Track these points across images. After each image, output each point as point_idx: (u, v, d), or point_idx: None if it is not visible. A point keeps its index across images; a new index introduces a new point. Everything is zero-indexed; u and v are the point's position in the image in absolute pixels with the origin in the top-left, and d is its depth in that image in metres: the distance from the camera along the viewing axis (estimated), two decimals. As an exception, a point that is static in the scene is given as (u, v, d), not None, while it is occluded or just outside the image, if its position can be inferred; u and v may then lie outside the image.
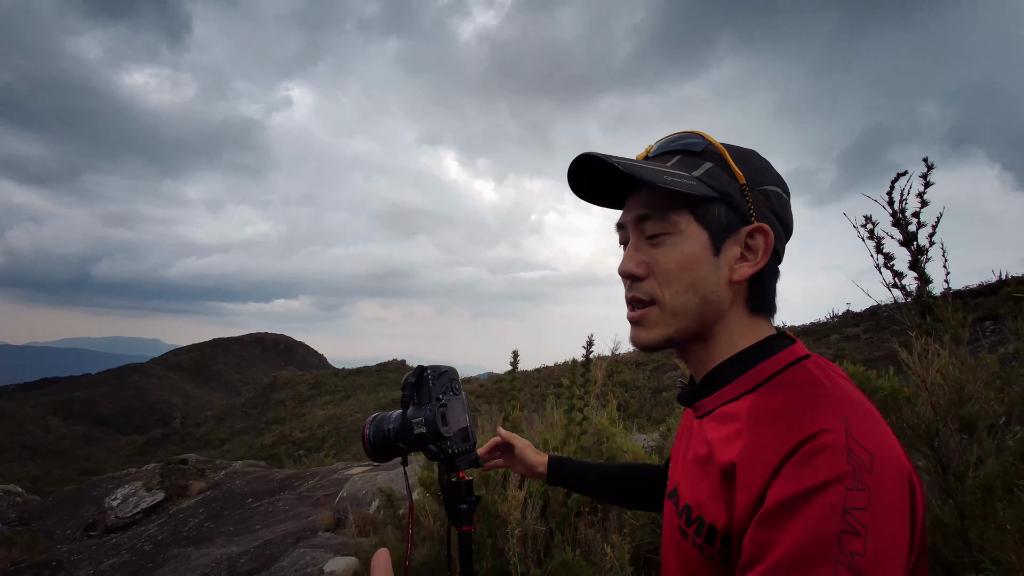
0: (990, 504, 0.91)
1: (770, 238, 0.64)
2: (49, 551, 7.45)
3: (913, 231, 1.65)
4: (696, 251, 0.64)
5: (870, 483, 0.47)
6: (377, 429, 0.87)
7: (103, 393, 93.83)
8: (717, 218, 0.64)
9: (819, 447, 0.49)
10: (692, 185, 0.62)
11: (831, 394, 0.55)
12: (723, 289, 0.64)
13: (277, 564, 4.71)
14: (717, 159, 0.66)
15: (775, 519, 0.48)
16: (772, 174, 0.67)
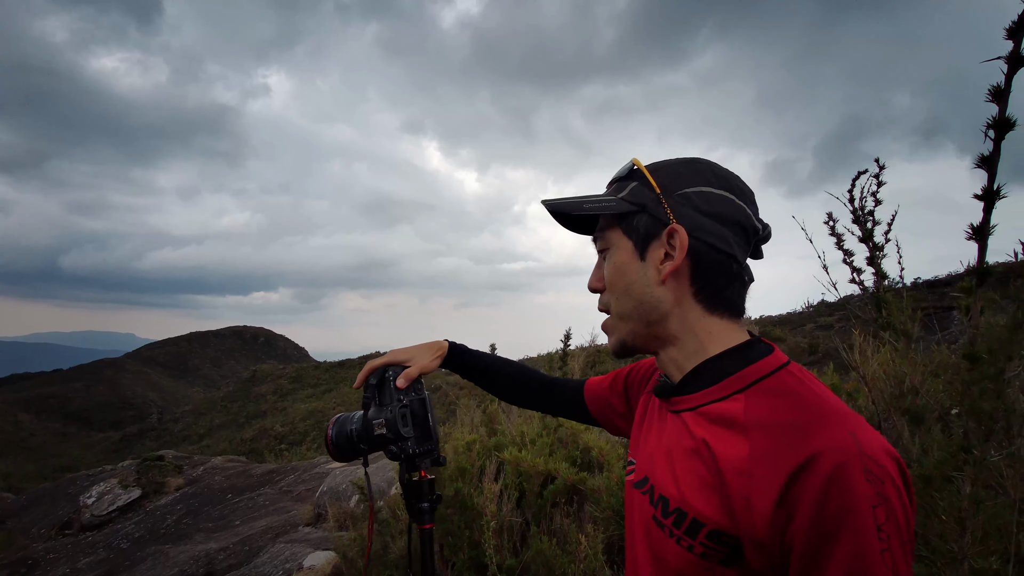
0: (929, 494, 0.96)
1: (683, 235, 0.68)
2: (25, 549, 7.30)
3: (870, 228, 1.71)
4: (625, 259, 0.73)
5: (887, 494, 0.52)
6: (340, 429, 0.89)
7: (76, 389, 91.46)
8: (637, 227, 0.72)
9: (838, 466, 0.52)
10: (612, 204, 0.73)
11: (832, 407, 0.59)
12: (655, 289, 0.71)
13: (256, 560, 4.70)
14: (640, 177, 0.74)
15: (817, 550, 0.52)
16: (700, 177, 0.72)
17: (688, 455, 0.66)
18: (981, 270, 0.90)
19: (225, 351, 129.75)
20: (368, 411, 0.88)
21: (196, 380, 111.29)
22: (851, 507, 0.51)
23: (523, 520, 2.54)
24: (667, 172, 0.73)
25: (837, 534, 0.51)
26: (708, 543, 0.60)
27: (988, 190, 0.90)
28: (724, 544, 0.59)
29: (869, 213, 1.70)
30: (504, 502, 2.45)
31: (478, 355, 1.11)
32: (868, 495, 0.51)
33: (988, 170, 0.89)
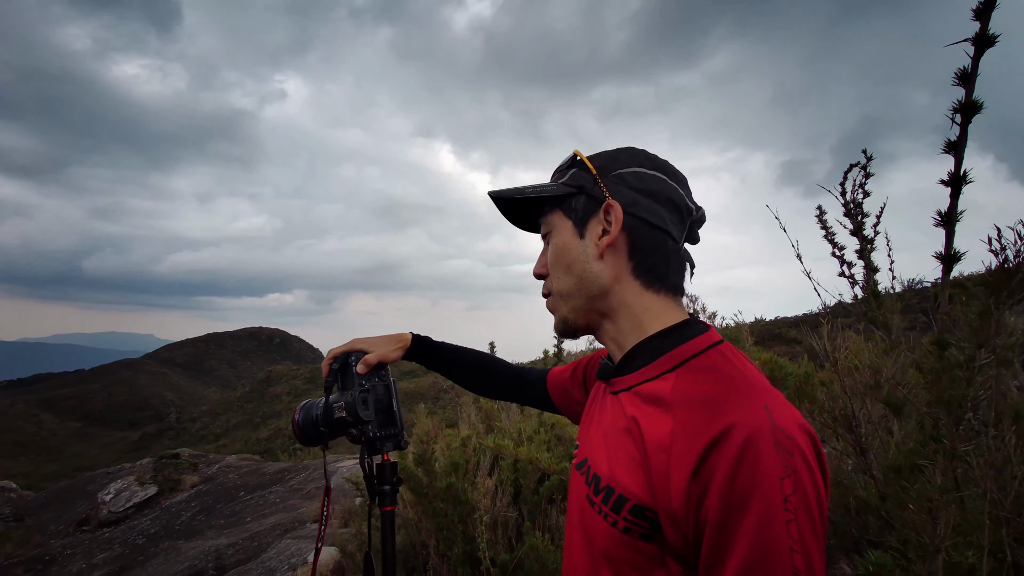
0: (899, 483, 0.95)
1: (618, 210, 0.71)
2: (42, 546, 7.47)
3: (860, 221, 1.69)
4: (566, 238, 0.77)
5: (796, 467, 0.53)
6: (306, 415, 0.91)
7: (96, 389, 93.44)
8: (575, 208, 0.76)
9: (748, 438, 0.53)
10: (552, 188, 0.78)
11: (750, 382, 0.61)
12: (595, 264, 0.74)
13: (264, 555, 4.77)
14: (579, 164, 0.78)
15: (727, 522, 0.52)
16: (633, 159, 0.76)
17: (620, 434, 0.67)
18: (948, 256, 0.89)
19: (241, 352, 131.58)
20: (329, 395, 0.90)
21: (213, 380, 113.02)
22: (759, 479, 0.52)
23: (518, 516, 2.55)
24: (603, 157, 0.77)
25: (745, 505, 0.52)
26: (631, 518, 0.61)
27: (955, 176, 0.89)
28: (646, 519, 0.60)
29: (858, 206, 1.68)
30: (499, 497, 2.46)
31: (442, 347, 1.12)
32: (776, 467, 0.52)
33: (955, 155, 0.88)
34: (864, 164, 1.64)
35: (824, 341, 1.17)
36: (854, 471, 1.18)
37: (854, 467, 1.18)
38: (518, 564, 2.26)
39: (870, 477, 1.13)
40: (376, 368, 0.94)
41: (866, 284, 1.72)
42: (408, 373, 34.17)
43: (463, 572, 2.33)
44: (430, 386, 25.92)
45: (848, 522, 1.24)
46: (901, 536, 0.94)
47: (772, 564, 0.50)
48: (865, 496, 1.11)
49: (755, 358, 1.34)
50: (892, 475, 0.97)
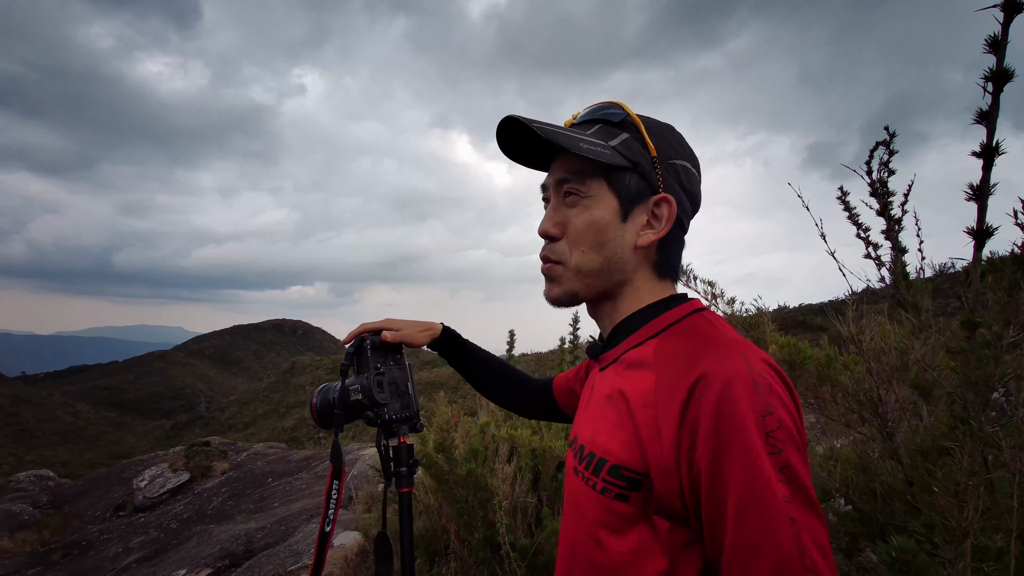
0: (926, 467, 0.93)
1: (674, 208, 0.68)
2: (80, 531, 7.80)
3: (888, 200, 1.63)
4: (606, 216, 0.69)
5: (775, 404, 0.54)
6: (323, 398, 0.93)
7: (130, 380, 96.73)
8: (627, 186, 0.69)
9: (727, 382, 0.54)
10: (607, 154, 0.67)
11: (726, 336, 0.62)
12: (627, 252, 0.70)
13: (291, 539, 4.90)
14: (634, 131, 0.70)
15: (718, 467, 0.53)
16: (684, 149, 0.72)
17: (603, 402, 0.68)
18: (980, 232, 0.86)
19: (266, 343, 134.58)
20: (345, 378, 0.92)
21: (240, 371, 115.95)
22: (741, 419, 0.53)
23: (537, 502, 2.57)
24: (659, 136, 0.71)
25: (729, 446, 0.53)
26: (608, 478, 0.62)
27: (987, 147, 0.85)
28: (622, 478, 0.61)
29: (884, 185, 1.62)
30: (518, 484, 2.47)
31: (470, 346, 1.12)
32: (758, 406, 0.53)
33: (987, 125, 0.85)
34: (888, 141, 1.59)
35: (849, 323, 1.13)
36: (880, 456, 1.15)
37: (880, 452, 1.15)
38: (538, 549, 2.28)
39: (897, 462, 1.10)
40: (392, 351, 0.95)
41: (894, 265, 1.67)
42: (428, 363, 34.53)
43: (483, 556, 2.35)
44: (450, 376, 26.17)
45: (874, 508, 1.22)
46: (927, 521, 0.92)
47: (763, 498, 0.51)
48: (891, 481, 1.09)
49: (773, 342, 1.32)
50: (919, 459, 0.95)
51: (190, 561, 5.21)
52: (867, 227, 1.70)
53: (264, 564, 4.39)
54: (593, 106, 0.75)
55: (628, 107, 0.72)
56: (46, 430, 63.98)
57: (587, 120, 0.74)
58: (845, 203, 1.68)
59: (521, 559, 2.20)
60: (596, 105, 0.75)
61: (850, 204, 1.73)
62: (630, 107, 0.73)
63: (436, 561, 2.60)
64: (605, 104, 0.74)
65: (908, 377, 1.11)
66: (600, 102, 0.75)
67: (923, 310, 1.26)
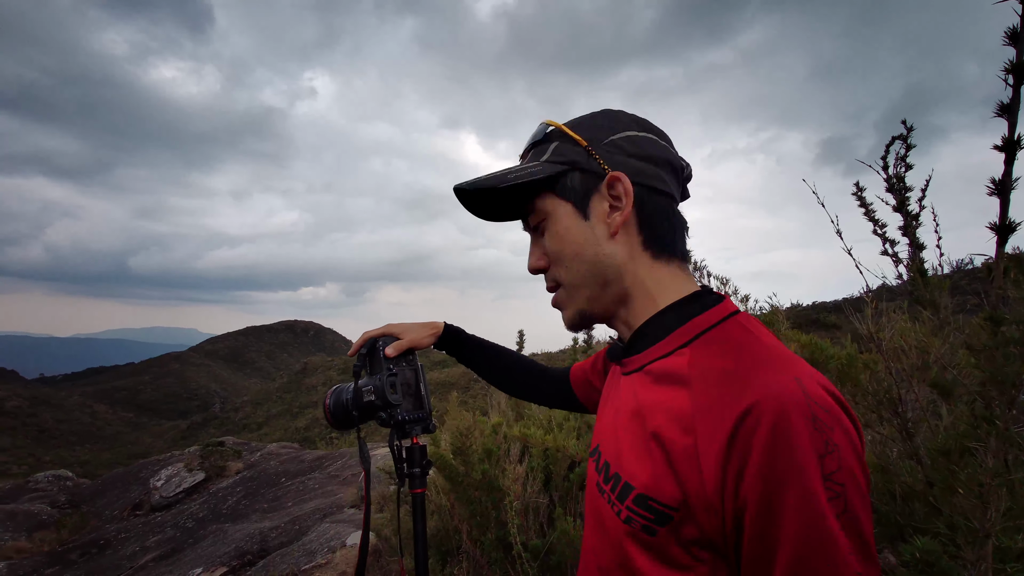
0: (947, 467, 0.91)
1: (627, 181, 0.64)
2: (98, 530, 7.93)
3: (905, 196, 1.60)
4: (567, 223, 0.67)
5: (837, 442, 0.48)
6: (337, 399, 0.93)
7: (146, 381, 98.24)
8: (571, 187, 0.67)
9: (781, 412, 0.48)
10: (538, 170, 0.67)
11: (775, 352, 0.55)
12: (607, 245, 0.66)
13: (305, 538, 4.94)
14: (560, 136, 0.69)
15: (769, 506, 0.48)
16: (620, 123, 0.68)
17: (630, 418, 0.62)
18: (1003, 227, 0.84)
19: (278, 344, 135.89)
20: (358, 379, 0.92)
21: (253, 372, 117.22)
22: (798, 457, 0.47)
23: (549, 502, 2.56)
24: (587, 125, 0.69)
25: (785, 486, 0.47)
26: (634, 507, 0.57)
27: (1009, 140, 0.82)
28: (650, 510, 0.55)
29: (901, 180, 1.59)
30: (529, 484, 2.47)
31: (473, 339, 1.10)
32: (816, 443, 0.47)
33: (1008, 119, 0.82)
34: (905, 135, 1.56)
35: (867, 322, 1.11)
36: (900, 456, 1.13)
37: (900, 452, 1.13)
38: (550, 549, 2.28)
39: (917, 462, 1.07)
40: (404, 353, 0.95)
41: (911, 262, 1.64)
42: (439, 363, 34.64)
43: (495, 556, 2.35)
44: (461, 375, 26.23)
45: (893, 509, 1.20)
46: (949, 522, 0.90)
47: (825, 548, 0.46)
48: (911, 482, 1.07)
49: (793, 340, 1.30)
50: (940, 459, 0.93)
51: (206, 560, 5.27)
52: (883, 223, 1.67)
53: (278, 563, 4.43)
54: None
55: (554, 120, 0.71)
56: (64, 431, 65.18)
57: (526, 151, 0.73)
58: (861, 199, 1.65)
59: (533, 559, 2.20)
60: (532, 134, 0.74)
61: (866, 200, 1.70)
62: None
63: (448, 561, 2.60)
64: (537, 129, 0.72)
65: (928, 376, 1.08)
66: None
67: (942, 307, 1.24)
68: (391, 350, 0.92)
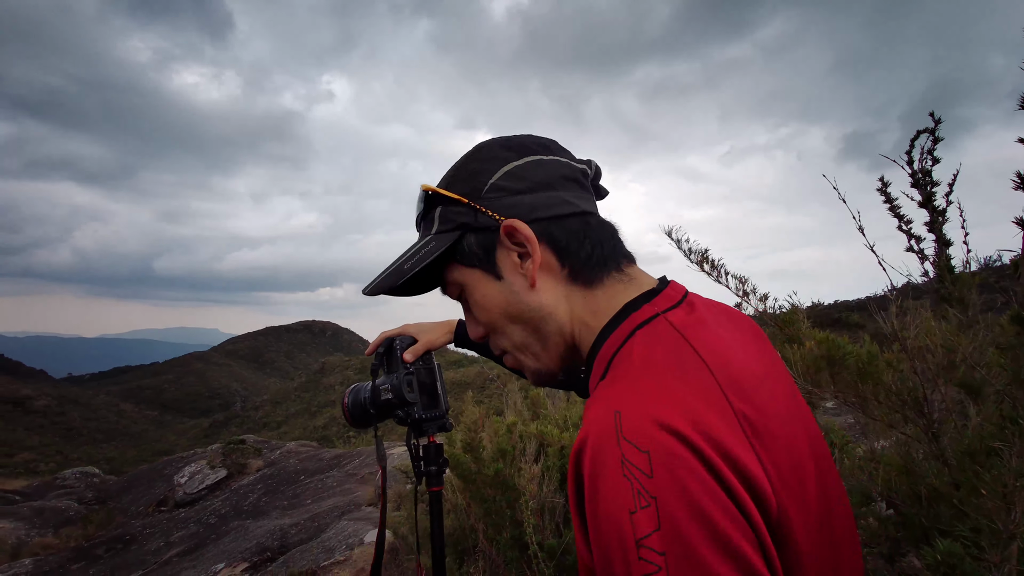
0: (973, 468, 0.89)
1: (522, 227, 0.58)
2: (123, 526, 8.13)
3: (931, 191, 1.56)
4: (483, 290, 0.62)
5: (655, 492, 0.38)
6: (355, 398, 0.94)
7: (170, 380, 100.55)
8: (472, 251, 0.61)
9: (593, 457, 0.42)
10: (430, 247, 0.61)
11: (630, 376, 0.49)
12: (531, 297, 0.60)
13: (324, 535, 5.00)
14: (441, 200, 0.63)
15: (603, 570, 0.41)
16: (495, 160, 0.62)
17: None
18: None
19: (297, 344, 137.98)
20: (376, 378, 0.93)
21: (272, 371, 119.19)
22: (602, 514, 0.40)
23: (565, 502, 2.56)
24: (463, 177, 0.62)
25: (606, 551, 0.39)
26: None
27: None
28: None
29: (927, 174, 1.55)
30: (545, 483, 2.47)
31: None
32: (624, 499, 0.39)
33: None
34: (932, 129, 1.52)
35: (891, 319, 1.09)
36: (925, 458, 1.10)
37: (925, 454, 1.10)
38: (566, 549, 2.27)
39: (943, 464, 1.05)
40: (422, 353, 0.96)
41: (938, 259, 1.59)
42: (455, 363, 34.79)
43: (511, 556, 2.36)
44: (476, 375, 26.32)
45: (918, 511, 1.17)
46: (974, 524, 0.87)
47: None
48: (937, 484, 1.04)
49: (809, 337, 1.27)
50: (966, 460, 0.90)
51: (228, 555, 5.37)
52: (909, 219, 1.63)
53: (298, 559, 4.49)
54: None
55: (430, 185, 0.64)
56: (92, 428, 67.02)
57: (416, 220, 0.68)
58: (886, 194, 1.61)
59: (549, 559, 2.19)
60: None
61: (891, 195, 1.66)
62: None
63: (465, 560, 2.61)
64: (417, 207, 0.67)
65: (955, 375, 1.06)
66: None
67: (970, 305, 1.20)
68: (408, 355, 0.93)
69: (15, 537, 7.63)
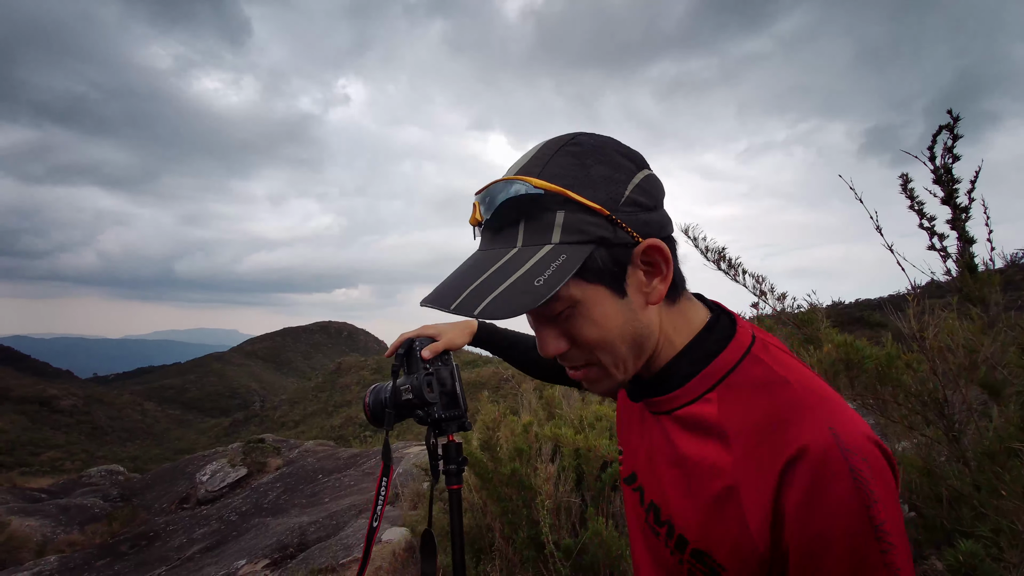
0: (993, 470, 0.87)
1: (662, 247, 0.57)
2: (147, 523, 8.31)
3: (953, 188, 1.54)
4: (604, 308, 0.57)
5: (879, 494, 0.48)
6: (376, 397, 0.96)
7: (191, 380, 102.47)
8: (602, 267, 0.56)
9: (817, 471, 0.49)
10: (562, 265, 0.53)
11: (804, 392, 0.54)
12: (644, 315, 0.59)
13: (342, 533, 5.07)
14: (564, 203, 0.55)
15: (814, 562, 0.49)
16: (623, 169, 0.57)
17: (670, 465, 0.62)
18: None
19: (313, 345, 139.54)
20: (396, 379, 0.95)
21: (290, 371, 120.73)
22: (842, 511, 0.47)
23: (581, 502, 2.56)
24: (593, 181, 0.55)
25: (829, 545, 0.48)
26: (692, 560, 0.58)
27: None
28: (705, 564, 0.57)
29: (948, 171, 1.53)
30: (561, 483, 2.47)
31: (506, 333, 1.15)
32: (859, 495, 0.47)
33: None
34: (951, 125, 1.50)
35: (911, 320, 1.07)
36: (947, 460, 1.09)
37: (947, 456, 1.09)
38: (582, 549, 2.28)
39: (964, 465, 1.03)
40: (440, 353, 0.98)
41: (960, 257, 1.57)
42: (470, 363, 34.90)
43: (528, 555, 2.37)
44: (491, 375, 26.37)
45: (939, 513, 1.15)
46: (995, 525, 0.86)
47: None
48: (958, 485, 1.03)
49: (830, 340, 1.26)
50: (986, 461, 0.89)
51: (249, 552, 5.47)
52: (931, 216, 1.61)
53: (317, 556, 4.56)
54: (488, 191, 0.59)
55: (529, 177, 0.55)
56: (116, 427, 68.60)
57: (500, 216, 0.58)
58: (908, 191, 1.59)
59: (565, 558, 2.20)
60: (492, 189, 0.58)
61: (913, 192, 1.64)
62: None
63: (481, 558, 2.63)
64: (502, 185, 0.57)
65: (976, 376, 1.04)
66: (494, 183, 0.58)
67: (991, 304, 1.18)
68: (427, 352, 0.95)
69: (41, 534, 7.84)
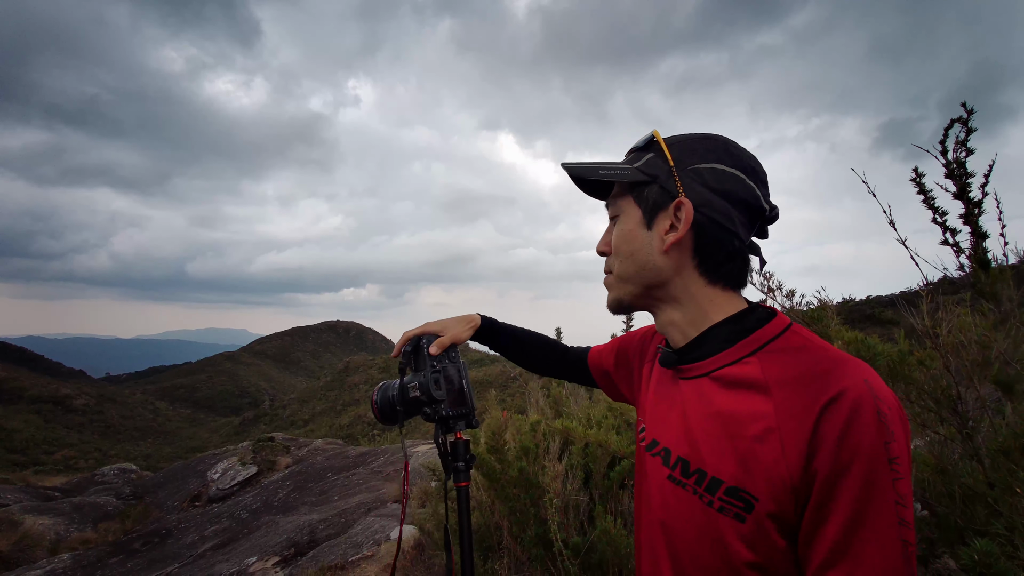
0: (1007, 467, 0.86)
1: (689, 209, 0.71)
2: (159, 521, 8.40)
3: (966, 182, 1.51)
4: (632, 226, 0.77)
5: (897, 435, 0.58)
6: (384, 395, 0.97)
7: (202, 379, 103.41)
8: (647, 198, 0.75)
9: (855, 404, 0.58)
10: (627, 173, 0.76)
11: (840, 355, 0.64)
12: (658, 257, 0.75)
13: (351, 530, 5.09)
14: (656, 149, 0.77)
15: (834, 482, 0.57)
16: (713, 154, 0.74)
17: (706, 418, 0.70)
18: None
19: (322, 344, 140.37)
20: (404, 376, 0.95)
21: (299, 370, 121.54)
22: (867, 441, 0.56)
23: (589, 500, 2.55)
24: (682, 146, 0.75)
25: (852, 463, 0.57)
26: (727, 498, 0.65)
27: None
28: (739, 498, 0.64)
29: (961, 165, 1.50)
30: (569, 481, 2.47)
31: (506, 328, 1.17)
32: (881, 431, 0.57)
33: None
34: (965, 119, 1.47)
35: (924, 316, 1.06)
36: (960, 457, 1.07)
37: (961, 453, 1.07)
38: (590, 547, 2.27)
39: (978, 463, 1.02)
40: (447, 350, 0.98)
41: (972, 252, 1.54)
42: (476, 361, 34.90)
43: (536, 553, 2.37)
44: (499, 374, 26.38)
45: (953, 511, 1.14)
46: (1009, 523, 0.85)
47: (878, 515, 0.55)
48: (972, 483, 1.01)
49: (840, 337, 1.25)
50: (1000, 459, 0.88)
51: (260, 549, 5.51)
52: (944, 211, 1.59)
53: (327, 554, 4.59)
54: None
55: (659, 134, 0.78)
56: (129, 426, 69.40)
57: (630, 152, 0.82)
58: (920, 185, 1.57)
59: (574, 557, 2.20)
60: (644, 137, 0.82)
61: (925, 187, 1.61)
62: (670, 130, 0.80)
63: (489, 556, 2.63)
64: (641, 138, 0.81)
65: (990, 373, 1.02)
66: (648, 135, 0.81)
67: (1004, 300, 1.16)
68: (435, 348, 0.95)
69: (55, 532, 7.94)
